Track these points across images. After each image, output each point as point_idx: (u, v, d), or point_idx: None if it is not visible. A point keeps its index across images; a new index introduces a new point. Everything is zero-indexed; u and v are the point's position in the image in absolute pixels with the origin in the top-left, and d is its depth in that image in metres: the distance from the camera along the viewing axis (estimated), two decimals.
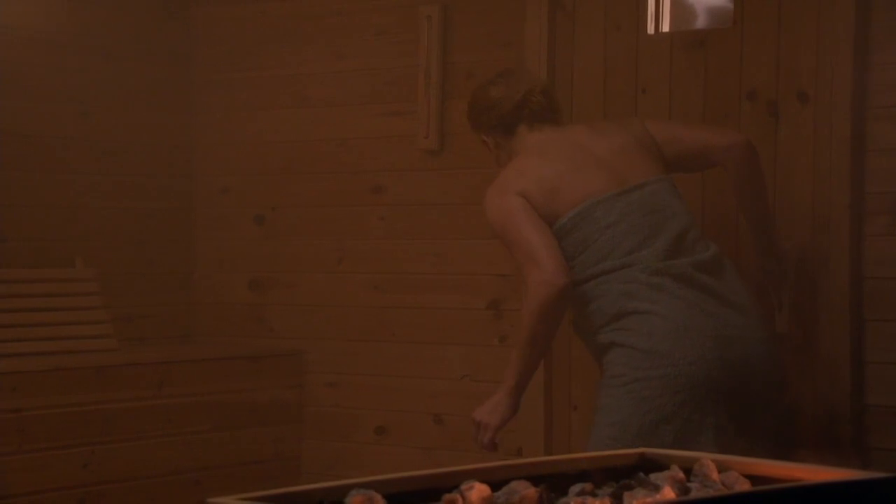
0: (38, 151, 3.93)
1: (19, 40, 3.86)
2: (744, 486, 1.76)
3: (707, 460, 1.79)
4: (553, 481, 1.79)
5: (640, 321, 2.65)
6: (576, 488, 1.76)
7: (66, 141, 3.99)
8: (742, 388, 2.69)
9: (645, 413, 2.61)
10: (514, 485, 1.74)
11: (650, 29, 3.42)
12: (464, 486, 1.72)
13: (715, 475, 1.76)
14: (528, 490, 1.72)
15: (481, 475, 1.77)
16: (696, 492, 1.74)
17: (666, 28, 3.42)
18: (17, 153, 3.87)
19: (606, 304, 2.71)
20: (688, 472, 1.80)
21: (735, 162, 2.91)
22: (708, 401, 2.63)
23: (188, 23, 4.28)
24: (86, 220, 4.03)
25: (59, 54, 3.95)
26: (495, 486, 1.74)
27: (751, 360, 2.70)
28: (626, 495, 1.70)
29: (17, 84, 3.86)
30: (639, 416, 2.62)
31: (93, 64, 4.03)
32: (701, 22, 3.41)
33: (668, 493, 1.70)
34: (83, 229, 4.02)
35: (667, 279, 2.68)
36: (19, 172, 3.89)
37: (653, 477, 1.77)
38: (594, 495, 1.73)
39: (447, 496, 1.68)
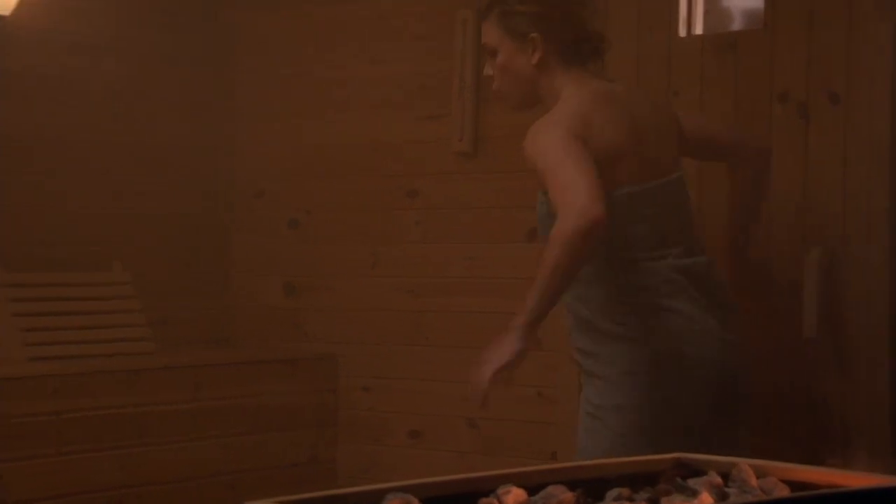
0: (77, 155, 3.97)
1: (59, 45, 3.90)
2: (783, 491, 1.75)
3: (745, 465, 1.78)
4: (590, 486, 1.78)
5: (660, 319, 2.59)
6: (613, 493, 1.76)
7: (104, 145, 4.03)
8: (743, 392, 2.69)
9: (662, 415, 2.56)
10: (550, 489, 1.74)
11: (682, 31, 3.41)
12: (500, 491, 1.72)
13: (753, 480, 1.75)
14: (565, 494, 1.72)
15: (518, 479, 1.77)
16: (734, 497, 1.73)
17: (698, 30, 3.41)
18: (56, 157, 3.92)
19: (624, 293, 2.59)
20: (725, 476, 1.79)
21: (761, 164, 2.90)
22: (720, 405, 2.61)
23: (226, 28, 4.31)
24: (123, 223, 4.06)
25: (99, 59, 4.00)
26: (532, 491, 1.74)
27: (745, 364, 2.70)
28: (664, 500, 1.70)
29: (57, 89, 3.90)
30: (653, 415, 2.56)
31: (132, 69, 4.07)
32: (732, 24, 3.40)
33: (706, 498, 1.69)
34: (121, 233, 4.05)
35: (685, 278, 2.63)
36: (58, 177, 3.93)
37: (690, 482, 1.76)
38: (631, 500, 1.73)
39: (484, 500, 1.68)
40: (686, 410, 2.58)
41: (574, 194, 2.42)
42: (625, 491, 1.76)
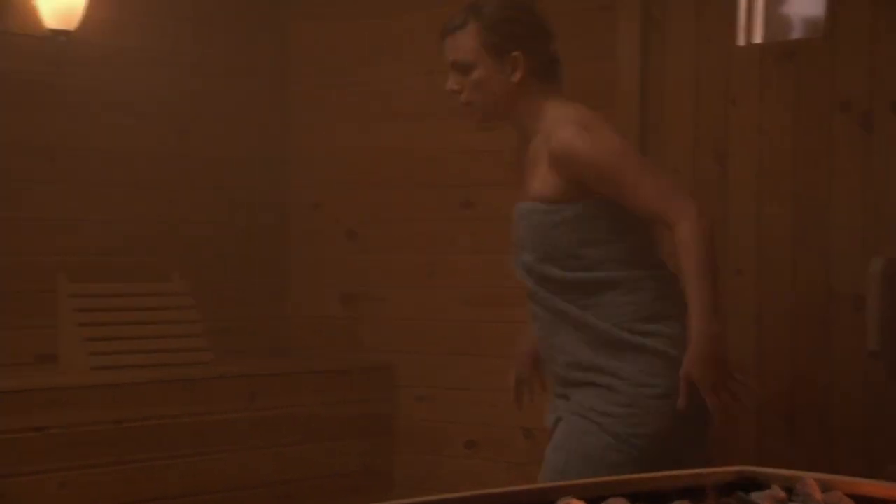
0: (138, 167, 4.03)
1: (121, 60, 3.96)
2: None
3: (810, 479, 1.75)
4: (650, 498, 1.77)
5: (676, 328, 2.49)
6: None
7: (164, 157, 4.08)
8: None
9: (675, 427, 2.47)
10: (611, 501, 1.73)
11: (741, 40, 3.39)
12: (560, 502, 1.71)
13: (818, 495, 1.73)
14: None
15: (578, 492, 1.76)
16: None
17: (757, 39, 3.38)
18: (117, 169, 3.97)
19: (644, 300, 2.49)
20: (789, 490, 1.77)
21: None
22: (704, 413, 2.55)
23: (283, 40, 4.35)
24: (182, 234, 4.11)
25: (159, 73, 4.05)
26: (592, 503, 1.73)
27: None
28: None
29: (115, 102, 3.96)
30: (662, 426, 2.46)
31: (191, 82, 4.13)
32: (792, 33, 3.36)
33: None
34: (180, 244, 4.10)
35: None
36: (119, 188, 3.98)
37: (754, 496, 1.74)
38: None
39: None
40: (693, 422, 2.49)
41: (684, 197, 2.43)
42: (686, 503, 1.74)
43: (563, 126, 2.50)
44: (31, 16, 3.74)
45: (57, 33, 3.72)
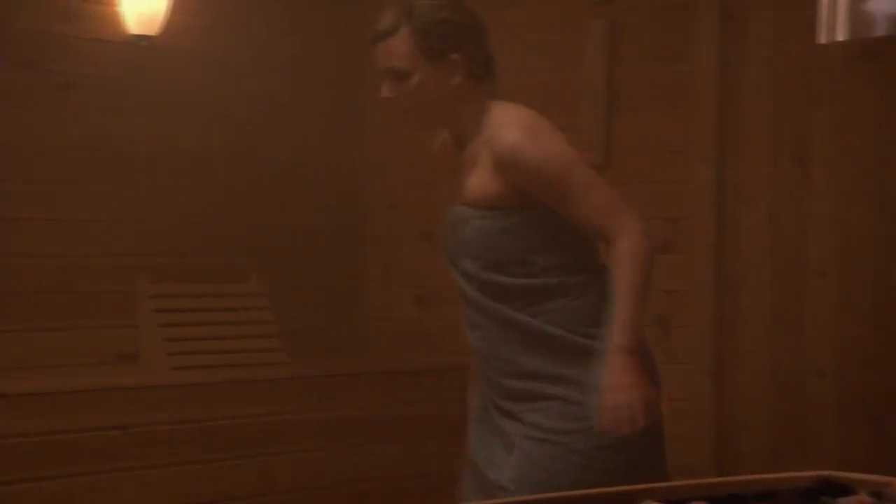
0: (216, 169, 4.08)
1: (199, 63, 4.02)
2: None
3: None
4: (731, 502, 1.75)
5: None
6: None
7: (242, 159, 4.13)
8: None
9: (634, 437, 2.35)
10: None
11: (822, 38, 3.33)
12: None
13: None
14: None
15: (659, 494, 1.75)
16: None
17: (839, 37, 3.33)
18: (194, 171, 4.03)
19: (593, 303, 2.39)
20: (876, 496, 1.74)
21: None
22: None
23: (359, 42, 4.38)
24: (260, 235, 4.16)
25: (237, 76, 4.10)
26: None
27: None
28: None
29: (195, 105, 4.02)
30: (627, 438, 2.34)
31: (268, 84, 4.17)
32: (875, 30, 3.30)
33: None
34: (257, 245, 4.15)
35: None
36: (197, 191, 4.04)
37: (840, 501, 1.71)
38: None
39: None
40: (651, 431, 2.40)
41: (629, 214, 2.35)
42: None
43: (509, 129, 2.40)
44: (114, 21, 3.81)
45: (139, 38, 3.79)
